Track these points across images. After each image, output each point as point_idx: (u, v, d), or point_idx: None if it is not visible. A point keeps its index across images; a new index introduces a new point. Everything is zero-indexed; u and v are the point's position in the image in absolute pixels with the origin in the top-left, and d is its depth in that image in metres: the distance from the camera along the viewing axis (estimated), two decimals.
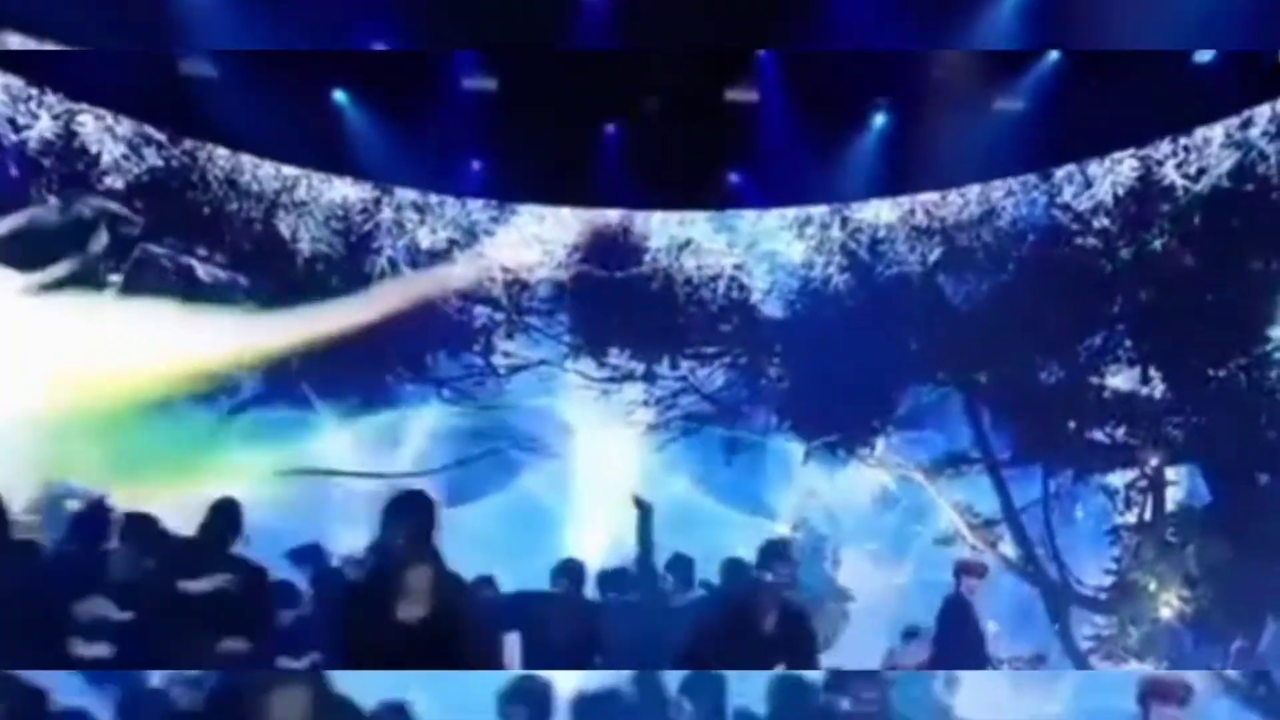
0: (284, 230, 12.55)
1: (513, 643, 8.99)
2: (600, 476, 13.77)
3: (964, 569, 9.71)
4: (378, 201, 12.80)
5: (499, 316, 13.11)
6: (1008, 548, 13.05)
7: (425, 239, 12.87)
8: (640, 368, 13.28)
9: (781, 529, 13.98)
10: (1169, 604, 12.12)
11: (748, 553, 13.90)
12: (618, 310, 13.39)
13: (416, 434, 13.67)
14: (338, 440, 13.26)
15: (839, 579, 13.67)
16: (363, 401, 13.33)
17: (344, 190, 12.61)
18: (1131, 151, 12.48)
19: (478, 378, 13.27)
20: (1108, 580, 12.37)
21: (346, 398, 13.25)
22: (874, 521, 14.24)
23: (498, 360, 13.28)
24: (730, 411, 13.89)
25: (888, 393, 13.66)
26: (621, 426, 13.38)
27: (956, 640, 9.32)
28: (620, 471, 13.64)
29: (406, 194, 12.91)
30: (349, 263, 12.59)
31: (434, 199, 12.97)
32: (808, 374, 13.39)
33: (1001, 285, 12.94)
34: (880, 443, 13.79)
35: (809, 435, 13.79)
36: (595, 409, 13.38)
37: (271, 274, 12.39)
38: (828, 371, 13.19)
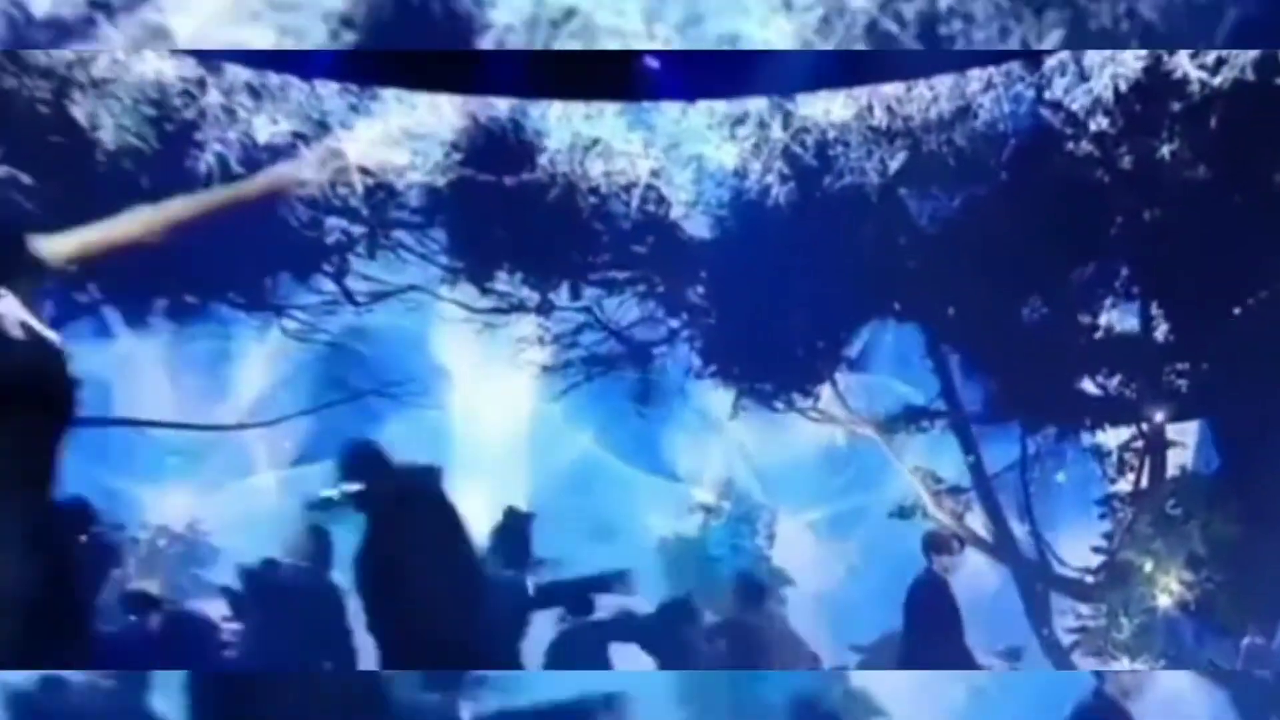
0: (79, 116, 10.95)
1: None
2: (483, 431, 12.99)
3: (936, 544, 8.68)
4: (202, 82, 11.18)
5: (357, 230, 12.31)
6: (976, 520, 12.87)
7: (263, 131, 11.33)
8: (533, 297, 12.76)
9: (704, 495, 13.47)
10: (1168, 590, 11.38)
11: (662, 523, 13.23)
12: (506, 225, 12.30)
13: (251, 376, 12.63)
14: (148, 382, 11.54)
15: (774, 558, 13.26)
16: (181, 334, 12.12)
17: (158, 65, 10.80)
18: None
19: (330, 306, 12.59)
20: (1095, 560, 12.16)
21: (160, 329, 12.14)
22: (817, 488, 13.53)
23: (355, 285, 12.54)
24: (644, 352, 13.16)
25: (836, 331, 12.90)
26: (509, 369, 12.99)
27: (930, 629, 8.15)
28: (507, 425, 13.02)
29: (239, 73, 11.37)
30: (164, 159, 11.13)
31: (274, 80, 11.49)
32: (739, 307, 12.59)
33: (976, 201, 11.90)
34: (826, 392, 13.05)
35: (739, 382, 12.95)
36: (477, 347, 12.90)
37: (63, 171, 10.84)
38: (763, 304, 12.40)
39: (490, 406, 13.04)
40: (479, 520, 12.51)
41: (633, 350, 13.12)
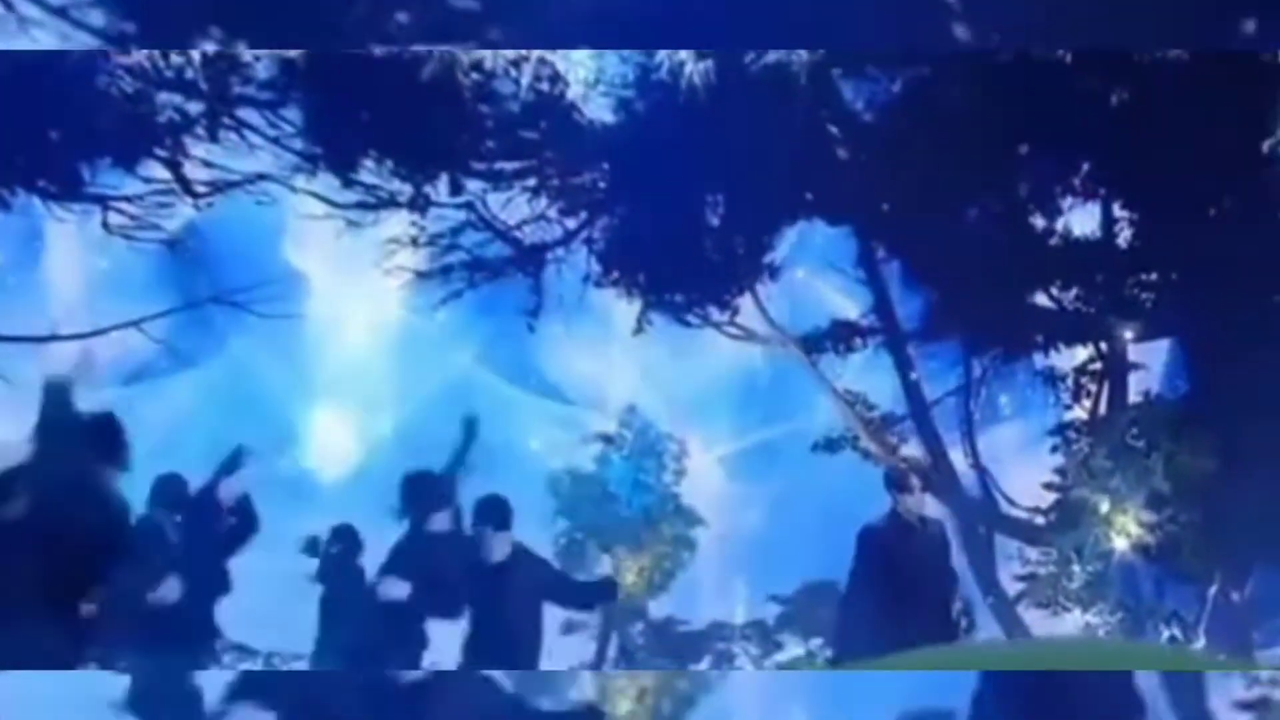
0: None
1: None
2: (344, 347, 12.46)
3: (899, 482, 7.95)
4: None
5: (194, 108, 11.47)
6: (914, 453, 12.41)
7: None
8: (405, 190, 12.08)
9: (603, 423, 12.97)
10: (1126, 532, 11.16)
11: (554, 454, 12.59)
12: (372, 104, 11.62)
13: (65, 279, 11.74)
14: None
15: (683, 496, 12.83)
16: None
17: None
18: None
19: (162, 198, 11.72)
20: (1047, 499, 11.87)
21: None
22: (733, 416, 13.05)
23: (193, 173, 11.72)
24: (535, 256, 12.50)
25: (757, 233, 12.36)
26: (377, 275, 12.28)
27: (892, 583, 7.53)
28: (374, 340, 12.48)
29: None
30: None
31: None
32: (645, 204, 12.10)
33: (918, 83, 11.46)
34: (745, 303, 12.50)
35: (645, 292, 12.40)
36: (339, 249, 12.14)
37: None
38: (674, 201, 11.95)
39: (354, 319, 12.47)
40: (334, 457, 12.01)
41: (522, 254, 12.53)
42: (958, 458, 12.39)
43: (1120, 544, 11.10)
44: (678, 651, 12.61)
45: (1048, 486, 11.75)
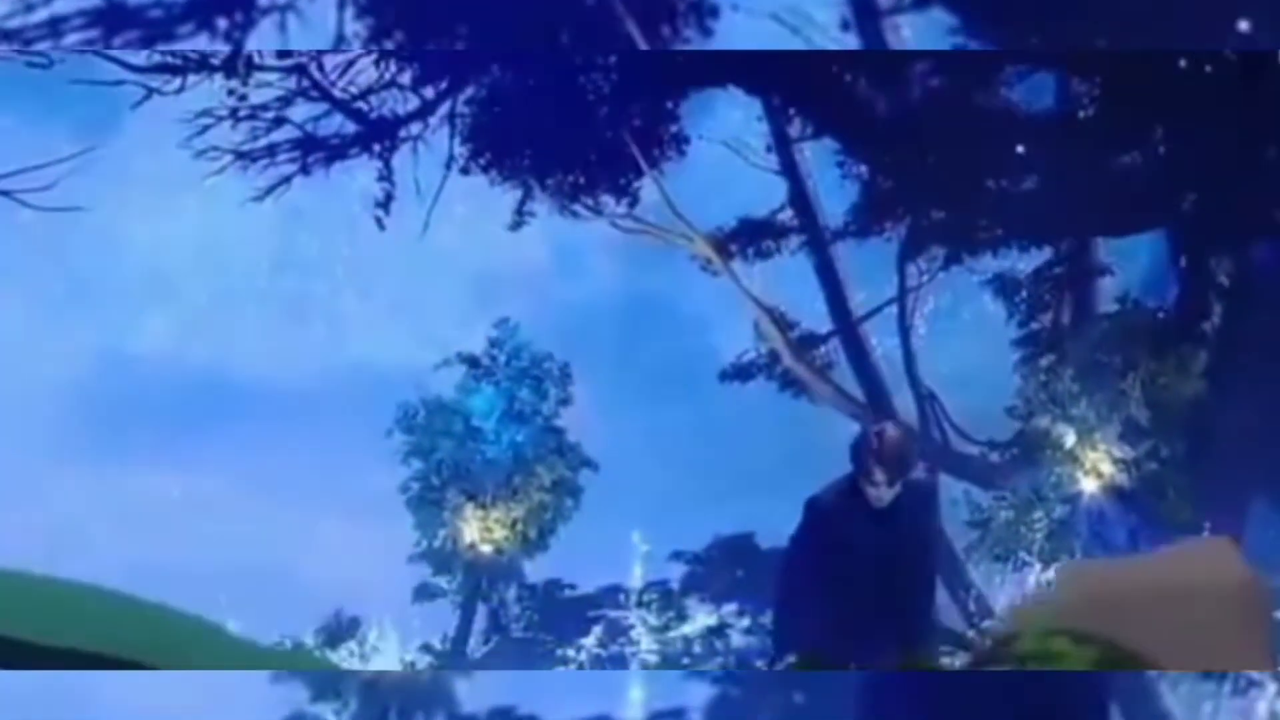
0: None
1: None
2: (146, 248, 11.78)
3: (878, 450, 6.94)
4: None
5: None
6: (843, 379, 11.90)
7: None
8: (221, 50, 11.33)
9: (468, 342, 12.01)
10: (1096, 470, 10.74)
11: (406, 378, 11.74)
12: None
13: None
14: None
15: (568, 431, 11.97)
16: None
17: None
18: None
19: None
20: (1003, 430, 11.38)
21: None
22: (628, 331, 12.35)
23: None
24: (385, 133, 11.78)
25: (658, 99, 11.66)
26: (185, 156, 11.40)
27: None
28: (184, 238, 11.82)
29: None
30: None
31: None
32: (522, 66, 11.53)
33: None
34: (645, 190, 11.83)
35: (522, 176, 11.79)
36: (137, 122, 11.40)
37: None
38: (555, 62, 11.42)
39: (159, 212, 11.60)
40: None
41: (370, 131, 11.73)
42: (895, 383, 11.95)
43: (1089, 485, 10.73)
44: (560, 623, 11.63)
45: (1009, 413, 11.33)
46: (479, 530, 11.43)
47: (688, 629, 11.79)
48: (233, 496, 11.09)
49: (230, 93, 11.30)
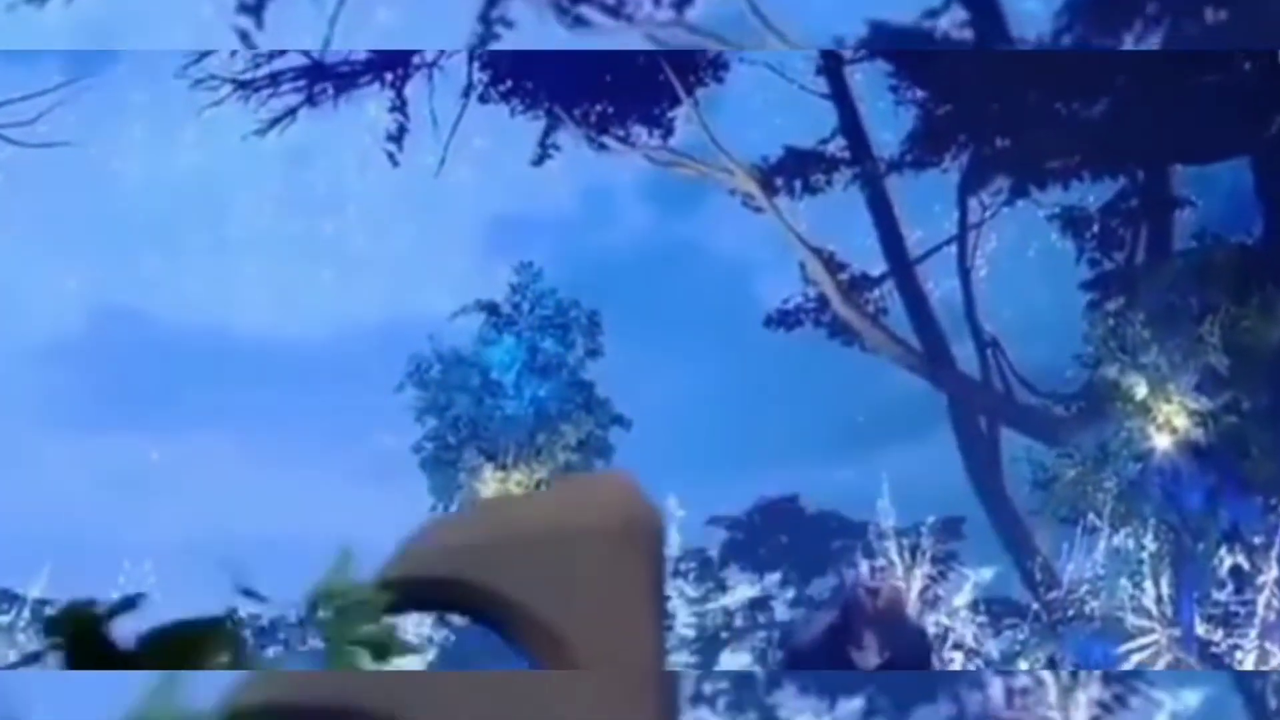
0: None
1: None
2: (145, 186, 11.54)
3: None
4: None
5: None
6: (898, 326, 11.47)
7: None
8: None
9: (490, 288, 11.57)
10: (1170, 425, 10.11)
11: (417, 328, 11.46)
12: None
13: None
14: None
15: (597, 385, 11.42)
16: None
17: None
18: None
19: None
20: (1069, 381, 10.88)
21: None
22: (663, 275, 12.29)
23: None
24: (397, 61, 11.42)
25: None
26: (183, 89, 11.19)
27: None
28: (183, 175, 11.56)
29: None
30: None
31: None
32: None
33: None
34: (680, 118, 11.42)
35: (548, 105, 11.48)
36: None
37: None
38: None
39: (154, 148, 11.32)
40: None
41: (383, 60, 11.33)
42: (953, 329, 11.57)
43: (1162, 441, 10.11)
44: None
45: (1077, 360, 10.77)
46: (498, 494, 11.07)
47: (728, 600, 11.50)
48: (229, 459, 10.90)
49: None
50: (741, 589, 11.51)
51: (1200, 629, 9.68)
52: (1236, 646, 9.59)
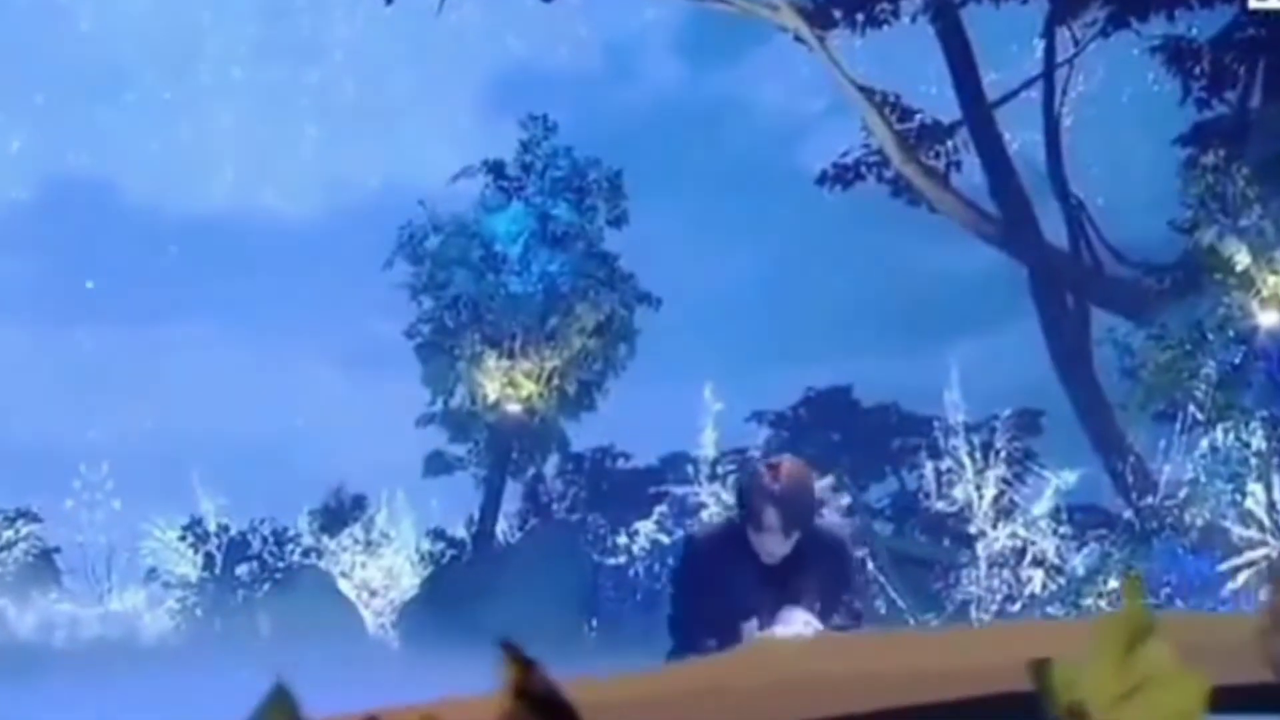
0: None
1: None
2: None
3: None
4: None
5: None
6: (970, 187, 11.08)
7: None
8: None
9: (494, 145, 11.37)
10: (1276, 300, 9.76)
11: (407, 190, 11.21)
12: None
13: None
14: None
15: (620, 256, 11.28)
16: None
17: None
18: None
19: None
20: (1165, 251, 10.45)
21: None
22: (697, 128, 11.83)
23: None
24: None
25: None
26: None
27: None
28: None
29: None
30: None
31: None
32: None
33: None
34: None
35: None
36: None
37: None
38: None
39: None
40: None
41: None
42: (1037, 187, 11.13)
43: (1267, 319, 9.66)
44: (614, 503, 11.09)
45: (1169, 228, 10.31)
46: (503, 385, 10.79)
47: None
48: (200, 347, 10.76)
49: None
50: None
51: None
52: None
